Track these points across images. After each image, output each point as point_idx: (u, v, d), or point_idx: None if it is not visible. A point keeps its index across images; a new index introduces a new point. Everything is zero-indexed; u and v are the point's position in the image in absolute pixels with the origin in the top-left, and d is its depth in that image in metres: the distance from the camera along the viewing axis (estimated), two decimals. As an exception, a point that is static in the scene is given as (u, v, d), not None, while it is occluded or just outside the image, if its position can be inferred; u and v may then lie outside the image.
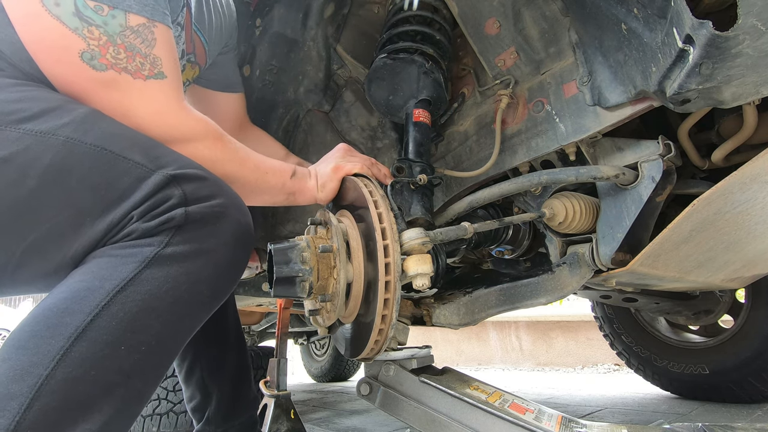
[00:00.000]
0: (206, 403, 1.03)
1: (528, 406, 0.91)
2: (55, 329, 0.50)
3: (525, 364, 4.31)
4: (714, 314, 1.78)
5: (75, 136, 0.57)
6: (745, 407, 1.68)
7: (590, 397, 2.23)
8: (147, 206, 0.56)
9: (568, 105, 0.96)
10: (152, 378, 0.57)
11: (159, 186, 0.57)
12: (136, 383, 0.54)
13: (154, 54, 0.66)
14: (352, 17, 1.27)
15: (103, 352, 0.50)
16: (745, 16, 0.52)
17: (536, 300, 1.03)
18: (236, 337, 1.10)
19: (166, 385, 1.74)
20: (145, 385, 0.56)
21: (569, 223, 0.96)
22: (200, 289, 0.59)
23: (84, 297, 0.52)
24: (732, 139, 0.96)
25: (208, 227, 0.59)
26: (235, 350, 1.08)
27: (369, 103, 1.19)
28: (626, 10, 0.73)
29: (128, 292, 0.53)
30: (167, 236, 0.56)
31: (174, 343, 0.58)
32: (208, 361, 1.04)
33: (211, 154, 0.73)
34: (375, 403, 0.92)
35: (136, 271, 0.54)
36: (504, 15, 1.01)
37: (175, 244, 0.56)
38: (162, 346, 0.56)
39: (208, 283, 0.59)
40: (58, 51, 0.60)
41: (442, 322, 1.16)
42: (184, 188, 0.58)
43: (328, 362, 3.68)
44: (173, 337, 0.58)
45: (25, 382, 0.47)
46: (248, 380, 1.10)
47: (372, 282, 0.77)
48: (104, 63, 0.62)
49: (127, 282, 0.53)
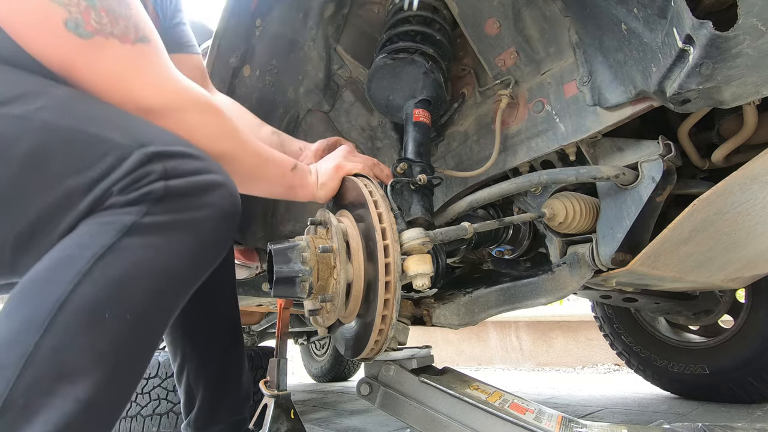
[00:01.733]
0: (190, 406, 1.02)
1: (528, 406, 0.91)
2: (39, 299, 0.50)
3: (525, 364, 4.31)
4: (714, 314, 1.78)
5: (52, 120, 0.56)
6: (745, 407, 1.68)
7: (590, 397, 2.23)
8: (127, 181, 0.55)
9: (568, 105, 0.96)
10: (142, 350, 0.56)
11: (140, 163, 0.56)
12: (126, 353, 0.54)
13: (133, 16, 0.63)
14: (352, 17, 1.27)
15: (87, 319, 0.50)
16: (745, 16, 0.52)
17: (536, 300, 1.03)
18: (229, 341, 1.06)
19: (166, 385, 1.73)
20: (135, 357, 0.55)
21: (569, 223, 0.96)
22: (180, 261, 0.58)
23: (65, 266, 0.52)
24: (732, 139, 0.96)
25: (190, 199, 0.58)
26: (226, 354, 1.05)
27: (369, 103, 1.19)
28: (626, 10, 0.73)
29: (108, 260, 0.52)
30: (146, 207, 0.55)
31: (158, 315, 0.58)
32: (194, 363, 1.02)
33: (206, 125, 0.70)
34: (375, 403, 0.92)
35: (115, 238, 0.53)
36: (504, 15, 1.01)
37: (155, 214, 0.55)
38: (147, 317, 0.56)
39: (189, 256, 0.58)
40: (42, 23, 0.58)
41: (442, 322, 1.16)
42: (166, 164, 0.57)
43: (328, 362, 3.68)
44: (157, 308, 0.57)
45: (14, 352, 0.47)
46: (236, 385, 1.06)
47: (372, 282, 0.77)
48: (90, 30, 0.59)
49: (106, 249, 0.52)
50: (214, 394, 1.02)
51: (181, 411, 1.04)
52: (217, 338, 1.05)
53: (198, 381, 1.02)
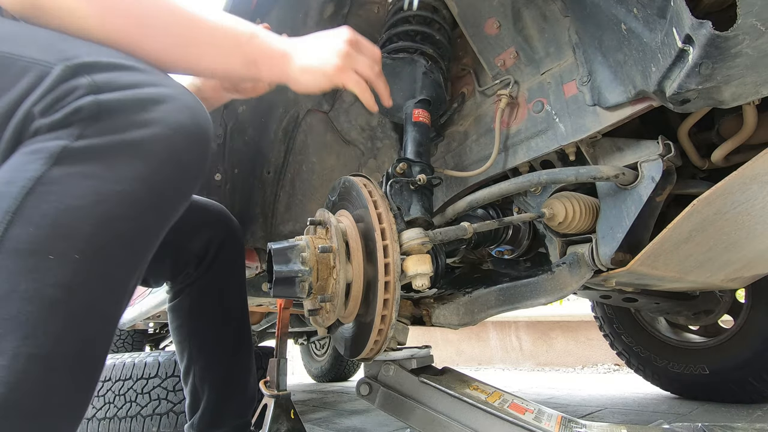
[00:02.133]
0: (195, 407, 1.01)
1: (528, 406, 0.91)
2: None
3: (525, 364, 4.31)
4: (714, 314, 1.78)
5: None
6: (745, 407, 1.68)
7: (590, 397, 2.23)
8: (49, 100, 0.47)
9: (568, 105, 0.96)
10: (104, 293, 0.49)
11: (62, 78, 0.48)
12: (83, 299, 0.47)
13: None
14: (352, 17, 1.27)
15: (28, 263, 0.44)
16: (744, 16, 0.52)
17: (536, 300, 1.03)
18: (237, 344, 1.05)
19: (166, 385, 1.74)
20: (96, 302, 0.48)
21: (569, 223, 0.96)
22: (132, 189, 0.49)
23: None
24: (732, 139, 0.96)
25: (130, 117, 0.49)
26: (234, 357, 1.03)
27: (369, 103, 1.19)
28: (626, 10, 0.73)
29: (39, 193, 0.45)
30: (78, 128, 0.47)
31: (117, 251, 0.50)
32: (201, 365, 1.01)
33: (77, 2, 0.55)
34: (375, 403, 0.92)
35: (44, 168, 0.46)
36: (504, 15, 1.01)
37: (89, 136, 0.47)
38: (102, 254, 0.48)
39: (142, 182, 0.50)
40: None
41: (442, 322, 1.16)
42: (95, 78, 0.49)
43: (328, 362, 3.68)
44: (113, 243, 0.49)
45: None
46: (242, 388, 1.04)
47: (371, 282, 0.77)
48: None
49: (35, 182, 0.45)
50: (219, 396, 1.01)
51: (186, 412, 1.04)
52: (224, 341, 1.03)
53: (204, 383, 1.01)
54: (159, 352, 1.88)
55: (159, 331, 3.21)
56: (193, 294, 1.02)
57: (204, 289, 1.02)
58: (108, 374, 1.75)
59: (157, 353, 1.87)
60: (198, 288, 1.02)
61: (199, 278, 1.01)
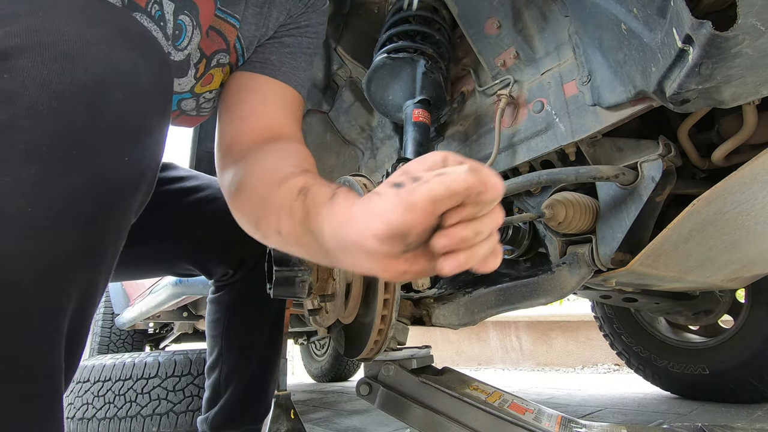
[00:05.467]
0: (213, 404, 1.02)
1: (527, 406, 0.90)
2: None
3: (525, 364, 4.31)
4: (714, 314, 1.78)
5: None
6: (745, 407, 1.68)
7: (590, 397, 2.23)
8: None
9: (568, 105, 0.96)
10: None
11: None
12: None
13: None
14: (352, 17, 1.27)
15: None
16: (744, 16, 0.52)
17: (536, 300, 1.03)
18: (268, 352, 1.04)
19: (166, 385, 1.74)
20: None
21: (569, 223, 0.96)
22: None
23: None
24: (732, 139, 0.95)
25: None
26: (261, 365, 1.03)
27: (368, 103, 1.19)
28: (626, 9, 0.73)
29: None
30: None
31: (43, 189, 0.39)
32: (229, 365, 1.01)
33: None
34: (374, 403, 0.92)
35: None
36: (504, 15, 1.01)
37: None
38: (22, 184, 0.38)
39: None
40: None
41: (442, 322, 1.16)
42: None
43: (328, 362, 3.68)
44: None
45: None
46: (263, 397, 1.04)
47: (371, 282, 0.77)
48: None
49: None
50: (239, 400, 1.02)
51: (203, 404, 1.04)
52: (256, 346, 1.04)
53: (228, 383, 1.01)
54: (159, 352, 1.88)
55: (159, 331, 3.21)
56: (235, 291, 1.04)
57: (245, 289, 1.03)
58: (108, 374, 1.75)
59: (157, 353, 1.87)
60: (241, 286, 1.03)
61: (242, 278, 1.03)
